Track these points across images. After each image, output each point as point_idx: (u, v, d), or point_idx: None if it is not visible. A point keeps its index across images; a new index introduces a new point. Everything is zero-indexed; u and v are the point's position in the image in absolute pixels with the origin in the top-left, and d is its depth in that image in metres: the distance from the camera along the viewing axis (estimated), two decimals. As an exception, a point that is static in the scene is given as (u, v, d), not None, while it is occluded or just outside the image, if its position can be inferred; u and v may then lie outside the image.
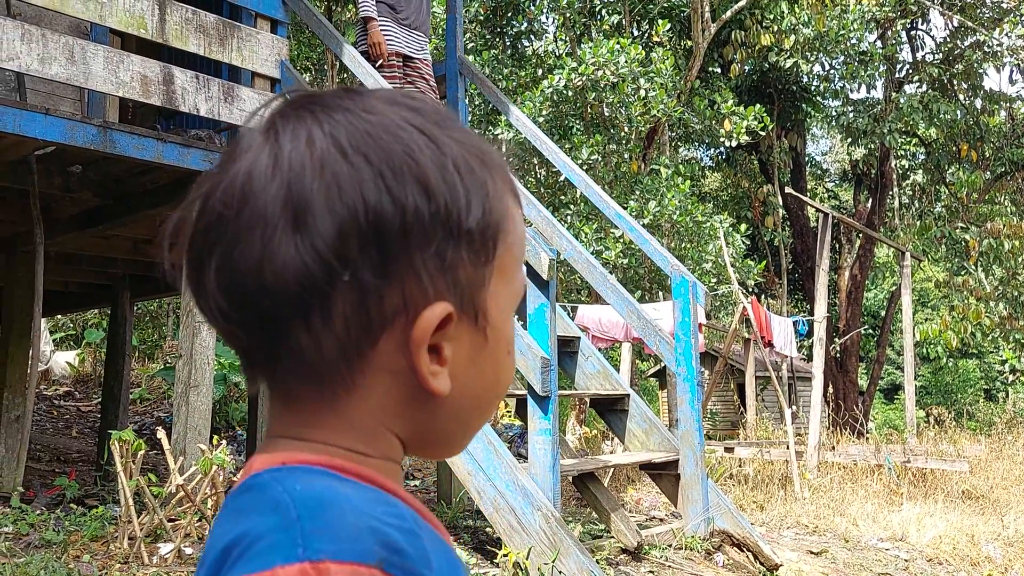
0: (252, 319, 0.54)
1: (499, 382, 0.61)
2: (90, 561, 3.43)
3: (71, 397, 11.44)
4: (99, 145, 4.13)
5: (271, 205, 0.53)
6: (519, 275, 0.62)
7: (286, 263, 0.52)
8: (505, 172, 0.61)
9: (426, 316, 0.55)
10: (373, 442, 0.57)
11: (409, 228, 0.54)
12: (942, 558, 5.61)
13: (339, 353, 0.55)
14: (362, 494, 0.52)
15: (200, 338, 4.55)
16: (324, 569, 0.46)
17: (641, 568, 4.21)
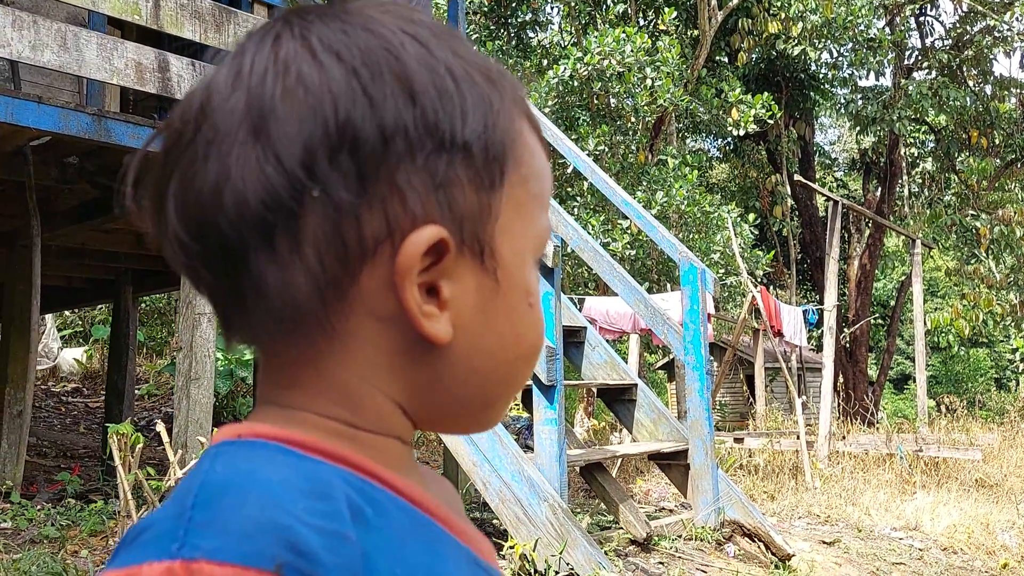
0: (213, 250, 0.46)
1: (521, 339, 0.52)
2: (87, 557, 3.38)
3: (79, 393, 11.43)
4: (94, 134, 4.06)
5: (230, 116, 0.46)
6: (541, 217, 0.53)
7: (245, 179, 0.45)
8: (518, 96, 0.53)
9: (412, 240, 0.46)
10: (365, 410, 0.49)
11: (389, 136, 0.46)
12: (957, 547, 5.52)
13: (313, 290, 0.46)
14: (296, 481, 0.43)
15: (200, 330, 4.49)
16: (196, 570, 0.37)
17: (651, 559, 4.14)
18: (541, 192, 0.53)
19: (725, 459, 7.69)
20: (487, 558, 0.53)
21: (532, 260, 0.53)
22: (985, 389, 24.77)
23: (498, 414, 0.54)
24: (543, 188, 0.54)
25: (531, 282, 0.52)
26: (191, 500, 0.41)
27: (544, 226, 0.54)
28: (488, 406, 0.53)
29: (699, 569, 4.13)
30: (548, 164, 0.55)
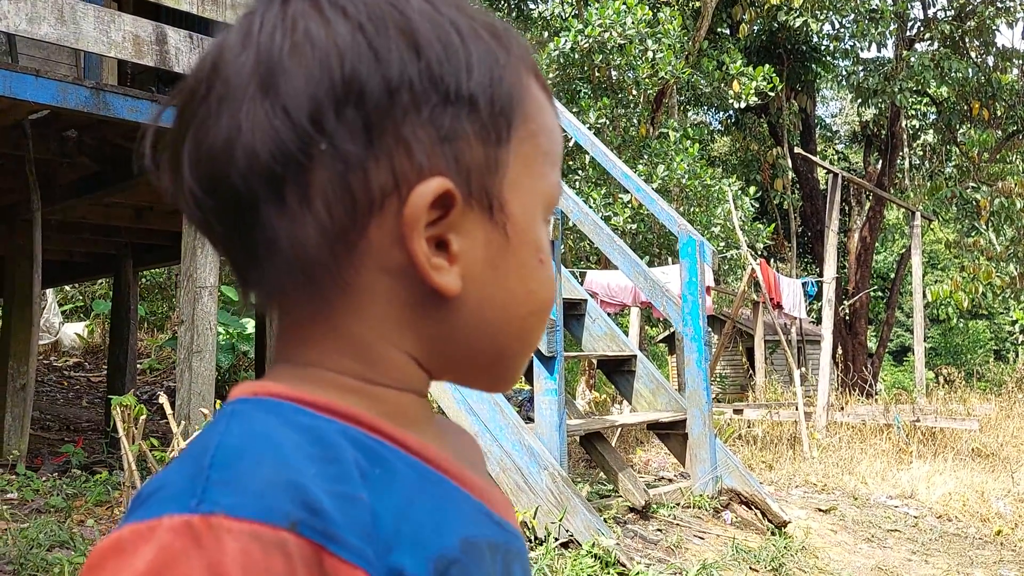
0: (225, 203, 0.47)
1: (532, 294, 0.52)
2: (93, 525, 3.43)
3: (81, 368, 11.49)
4: (92, 107, 4.06)
5: (240, 73, 0.47)
6: (551, 174, 0.54)
7: (255, 133, 0.46)
8: (525, 53, 0.54)
9: (419, 191, 0.47)
10: (379, 364, 0.50)
11: (394, 89, 0.47)
12: (952, 515, 5.59)
13: (322, 242, 0.47)
14: (306, 444, 0.44)
15: (201, 303, 4.52)
16: (216, 524, 0.38)
17: (649, 526, 4.19)
18: (551, 149, 0.54)
19: (724, 430, 7.75)
20: (501, 512, 0.53)
21: (542, 216, 0.53)
22: (984, 361, 24.85)
23: (515, 372, 0.55)
24: (553, 145, 0.54)
25: (541, 238, 0.53)
26: (208, 460, 0.42)
27: (554, 183, 0.54)
28: (502, 361, 0.54)
29: (696, 536, 4.19)
30: (558, 122, 0.56)
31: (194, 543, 0.38)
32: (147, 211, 6.41)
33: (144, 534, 0.39)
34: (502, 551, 0.51)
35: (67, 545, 3.06)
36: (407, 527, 0.44)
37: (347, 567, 0.40)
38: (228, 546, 0.38)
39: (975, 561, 4.70)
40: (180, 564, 0.37)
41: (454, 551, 0.46)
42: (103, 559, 0.39)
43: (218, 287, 4.66)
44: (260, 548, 0.38)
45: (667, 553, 3.88)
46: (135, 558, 0.38)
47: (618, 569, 3.49)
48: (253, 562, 0.38)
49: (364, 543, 0.41)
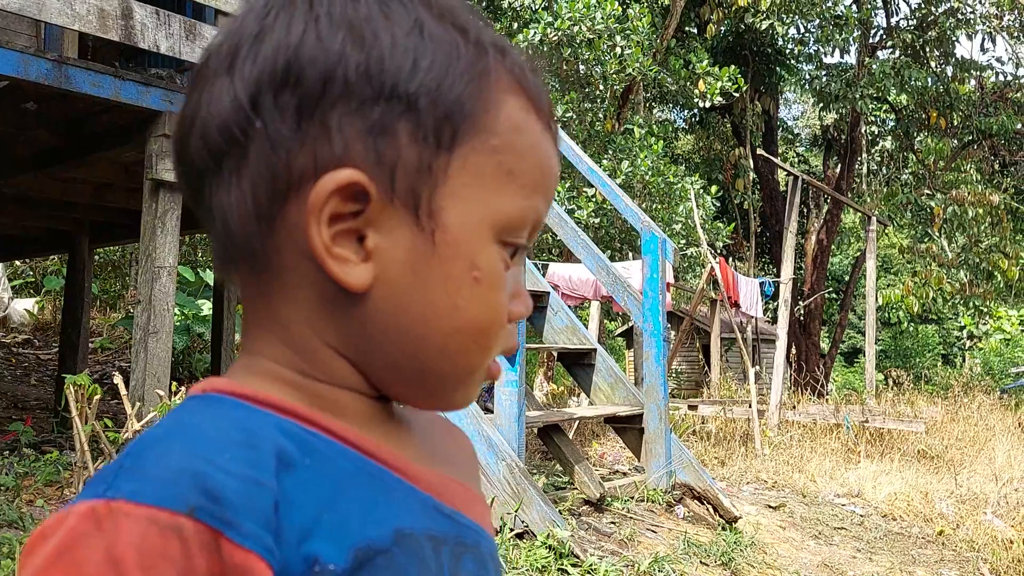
0: (188, 172, 0.52)
1: (458, 311, 0.50)
2: (43, 506, 3.38)
3: (30, 345, 11.25)
4: (53, 80, 3.98)
5: (217, 56, 0.51)
6: (515, 196, 0.51)
7: (211, 108, 0.50)
8: (517, 72, 0.53)
9: (325, 179, 0.48)
10: (311, 357, 0.51)
11: (329, 77, 0.48)
12: (896, 514, 5.73)
13: (246, 218, 0.49)
14: (230, 432, 0.45)
15: (159, 284, 4.46)
16: (116, 508, 0.40)
17: (603, 519, 4.24)
18: (521, 171, 0.52)
19: (679, 425, 7.85)
20: (459, 506, 0.54)
21: (492, 235, 0.51)
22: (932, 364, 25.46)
23: (450, 392, 0.53)
24: (526, 168, 0.52)
25: (482, 257, 0.50)
26: (127, 451, 0.44)
27: (519, 207, 0.52)
28: (428, 378, 0.52)
29: (649, 529, 4.25)
30: (547, 150, 0.54)
31: (95, 527, 0.40)
32: (106, 188, 6.30)
33: (61, 519, 0.41)
34: (450, 544, 0.51)
35: (16, 525, 3.01)
36: (331, 516, 0.45)
37: (242, 552, 0.41)
38: (125, 529, 0.40)
39: (917, 560, 4.84)
40: (80, 546, 0.39)
41: (382, 541, 0.46)
42: (32, 544, 0.42)
43: (176, 267, 4.60)
44: (157, 532, 0.40)
45: (620, 546, 3.93)
46: (49, 542, 0.40)
47: (572, 561, 3.53)
48: (149, 545, 0.39)
49: (262, 529, 0.42)
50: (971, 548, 5.14)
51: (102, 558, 0.39)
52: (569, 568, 3.44)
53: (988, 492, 6.27)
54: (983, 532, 5.34)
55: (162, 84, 4.49)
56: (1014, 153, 15.67)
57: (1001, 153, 15.88)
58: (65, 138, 5.10)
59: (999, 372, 19.62)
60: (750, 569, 4.05)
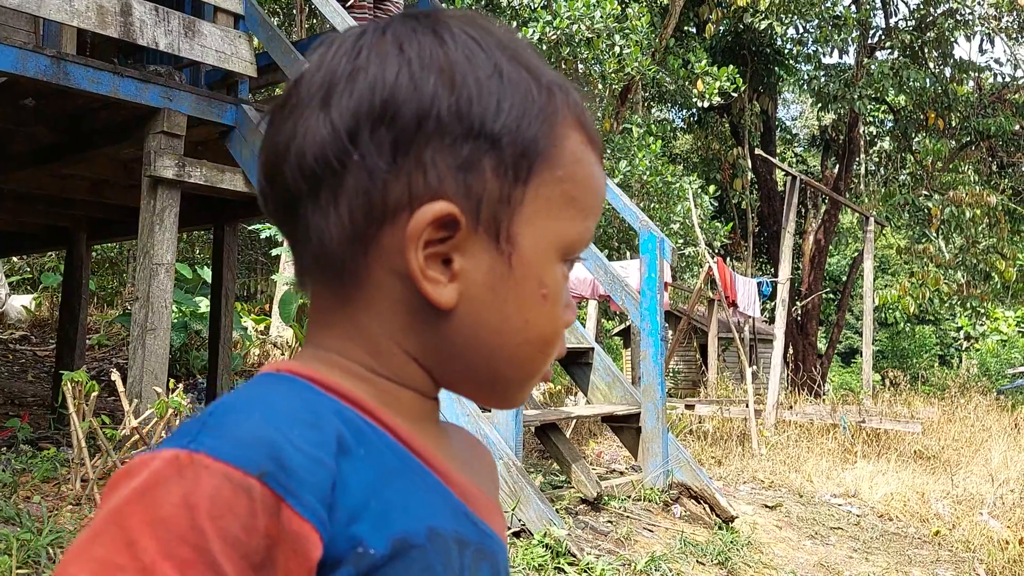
0: (279, 195, 0.56)
1: (529, 325, 0.56)
2: (40, 502, 3.37)
3: (27, 341, 11.23)
4: (52, 77, 3.98)
5: (309, 88, 0.55)
6: (574, 221, 0.57)
7: (307, 138, 0.54)
8: (577, 111, 0.58)
9: (423, 210, 0.53)
10: (383, 358, 0.56)
11: (423, 117, 0.53)
12: (893, 514, 5.74)
13: (342, 239, 0.54)
14: (299, 411, 0.49)
15: (157, 281, 4.45)
16: (198, 459, 0.45)
17: (600, 518, 4.25)
18: (581, 198, 0.57)
19: (676, 424, 7.86)
20: (483, 515, 0.58)
21: (557, 256, 0.57)
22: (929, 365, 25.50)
23: (513, 395, 0.59)
24: (584, 195, 0.58)
25: (548, 276, 0.56)
26: (210, 411, 0.48)
27: (578, 230, 0.58)
28: (497, 383, 0.58)
29: (646, 528, 4.26)
30: (600, 178, 0.60)
31: (177, 472, 0.44)
32: (104, 184, 6.29)
33: (147, 461, 0.46)
34: (472, 548, 0.55)
35: (13, 521, 3.01)
36: (376, 503, 0.49)
37: (299, 520, 0.45)
38: (203, 479, 0.44)
39: (913, 560, 4.85)
40: (161, 487, 0.44)
41: (418, 537, 0.50)
42: (118, 478, 0.46)
43: (174, 264, 4.60)
44: (230, 487, 0.44)
45: (617, 545, 3.94)
46: (134, 479, 0.45)
47: (568, 559, 3.53)
48: (221, 497, 0.44)
49: (319, 504, 0.46)
50: (967, 548, 5.15)
51: (179, 501, 0.43)
52: (566, 567, 3.45)
53: (984, 493, 6.28)
54: (979, 533, 5.35)
55: (161, 81, 4.48)
56: (1012, 154, 15.70)
57: (999, 154, 15.91)
58: (63, 134, 5.09)
59: (996, 373, 19.66)
60: (746, 568, 4.05)
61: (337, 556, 0.47)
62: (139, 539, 0.43)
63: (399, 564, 0.49)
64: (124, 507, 0.44)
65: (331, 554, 0.46)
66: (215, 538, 0.43)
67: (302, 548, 0.45)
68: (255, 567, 0.44)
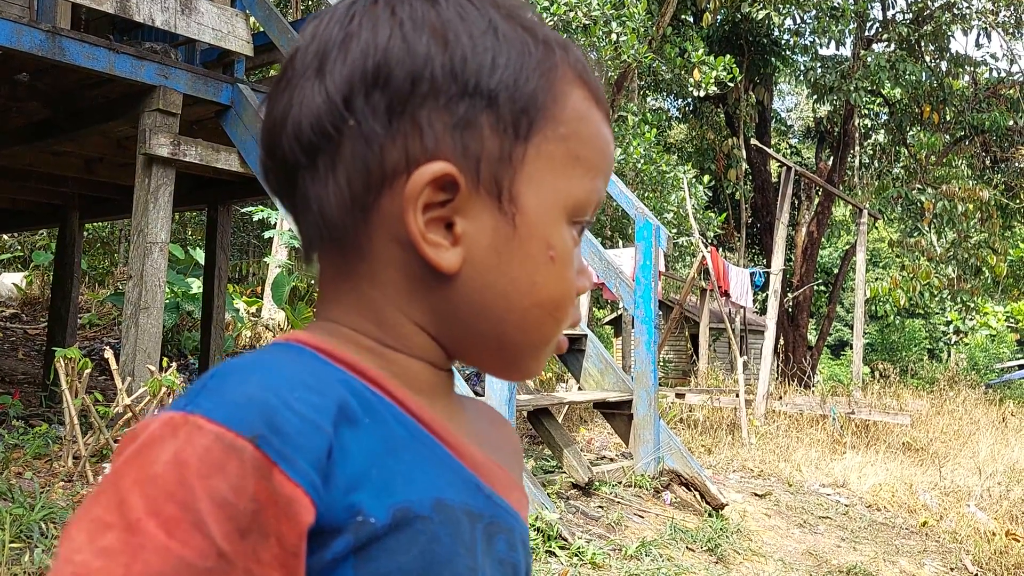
0: (278, 167, 0.55)
1: (537, 288, 0.54)
2: (32, 478, 3.36)
3: (17, 319, 11.18)
4: (47, 52, 3.94)
5: (304, 59, 0.55)
6: (581, 179, 0.56)
7: (303, 108, 0.53)
8: (579, 66, 0.57)
9: (420, 171, 0.52)
10: (391, 329, 0.55)
11: (417, 78, 0.52)
12: (880, 504, 5.78)
13: (341, 208, 0.53)
14: (302, 376, 0.48)
15: (151, 259, 4.43)
16: (192, 420, 0.44)
17: (591, 503, 4.26)
18: (586, 156, 0.56)
19: (666, 413, 7.89)
20: (498, 488, 0.56)
21: (564, 217, 0.55)
22: (918, 358, 25.63)
23: (525, 363, 0.57)
24: (590, 153, 0.56)
25: (555, 237, 0.55)
26: (212, 373, 0.48)
27: (586, 189, 0.56)
28: (507, 349, 0.56)
29: (636, 514, 4.28)
30: (606, 136, 0.58)
31: (171, 432, 0.44)
32: (97, 162, 6.25)
33: (147, 424, 0.46)
34: (484, 522, 0.53)
35: (5, 496, 3.00)
36: (378, 473, 0.48)
37: (291, 485, 0.44)
38: (195, 439, 0.43)
39: (901, 550, 4.88)
40: (155, 447, 0.44)
41: (423, 507, 0.49)
42: (124, 442, 0.46)
43: (168, 243, 4.58)
44: (221, 448, 0.43)
45: (607, 530, 3.95)
46: (136, 441, 0.45)
47: (560, 543, 3.55)
48: (212, 457, 0.43)
49: (312, 469, 0.45)
50: (954, 539, 5.20)
51: (170, 458, 0.43)
52: (557, 550, 3.46)
53: (972, 485, 6.33)
54: (966, 524, 5.39)
55: (156, 59, 4.45)
56: (1005, 150, 15.74)
57: (992, 149, 15.95)
58: (57, 111, 5.06)
59: (984, 367, 19.78)
60: (736, 555, 4.08)
61: (335, 524, 0.46)
62: (128, 497, 0.42)
63: (402, 535, 0.48)
64: (121, 467, 0.44)
65: (328, 521, 0.45)
66: (203, 497, 0.42)
67: (294, 512, 0.44)
68: (242, 531, 0.43)
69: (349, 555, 0.46)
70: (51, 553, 2.49)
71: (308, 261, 0.58)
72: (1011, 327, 25.04)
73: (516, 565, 0.56)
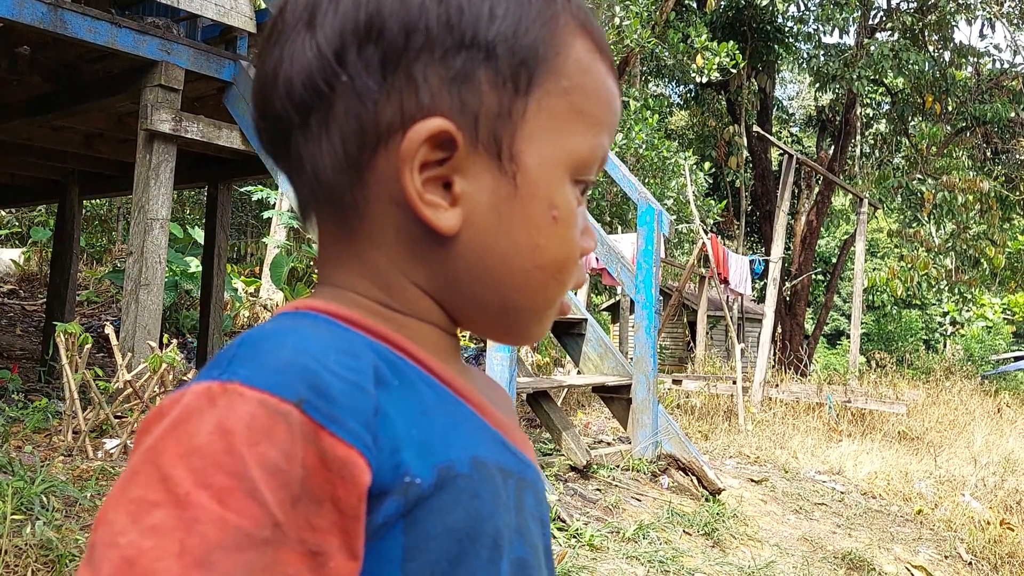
0: (271, 126, 0.53)
1: (539, 249, 0.52)
2: (32, 452, 3.37)
3: (15, 296, 11.17)
4: (48, 24, 3.91)
5: (294, 12, 0.52)
6: (585, 135, 0.53)
7: (294, 63, 0.51)
8: (581, 15, 0.54)
9: (415, 128, 0.49)
10: (396, 293, 0.53)
11: (411, 30, 0.49)
12: (876, 492, 5.81)
13: (336, 168, 0.51)
14: (331, 341, 0.47)
15: (152, 236, 4.42)
16: (232, 389, 0.42)
17: (589, 486, 4.28)
18: (590, 111, 0.53)
19: (663, 399, 7.90)
20: (519, 445, 0.56)
21: (567, 175, 0.53)
22: (914, 349, 25.68)
23: (526, 327, 0.56)
24: (594, 108, 0.54)
25: (558, 196, 0.52)
26: (239, 341, 0.46)
27: (590, 145, 0.54)
28: (508, 313, 0.54)
29: (634, 497, 4.29)
30: (612, 88, 0.55)
31: (209, 403, 0.42)
32: (97, 138, 6.22)
33: (178, 398, 0.43)
34: (515, 478, 0.53)
35: (5, 470, 3.00)
36: (418, 432, 0.47)
37: (344, 447, 0.42)
38: (238, 407, 0.41)
39: (895, 537, 4.91)
40: (194, 418, 0.42)
41: (463, 465, 0.48)
42: (151, 420, 0.44)
43: (169, 220, 4.56)
44: (266, 413, 0.41)
45: (605, 512, 3.97)
46: (166, 418, 0.43)
47: (558, 525, 3.56)
48: (258, 424, 0.41)
49: (363, 428, 0.44)
50: (948, 528, 5.22)
51: (213, 428, 0.41)
52: (555, 532, 3.48)
53: (966, 474, 6.36)
54: (960, 513, 5.42)
55: (159, 33, 4.42)
56: (1007, 141, 15.72)
57: (994, 141, 15.92)
58: (58, 85, 5.03)
59: (980, 359, 19.84)
60: (732, 540, 4.10)
61: (384, 486, 0.44)
62: (172, 472, 0.40)
63: (446, 494, 0.46)
64: (157, 444, 0.41)
65: (380, 483, 0.44)
66: (254, 465, 0.40)
67: (350, 474, 0.42)
68: (295, 498, 0.41)
69: (399, 518, 0.45)
70: (52, 525, 2.49)
71: (306, 222, 0.55)
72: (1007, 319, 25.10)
73: (543, 519, 0.57)
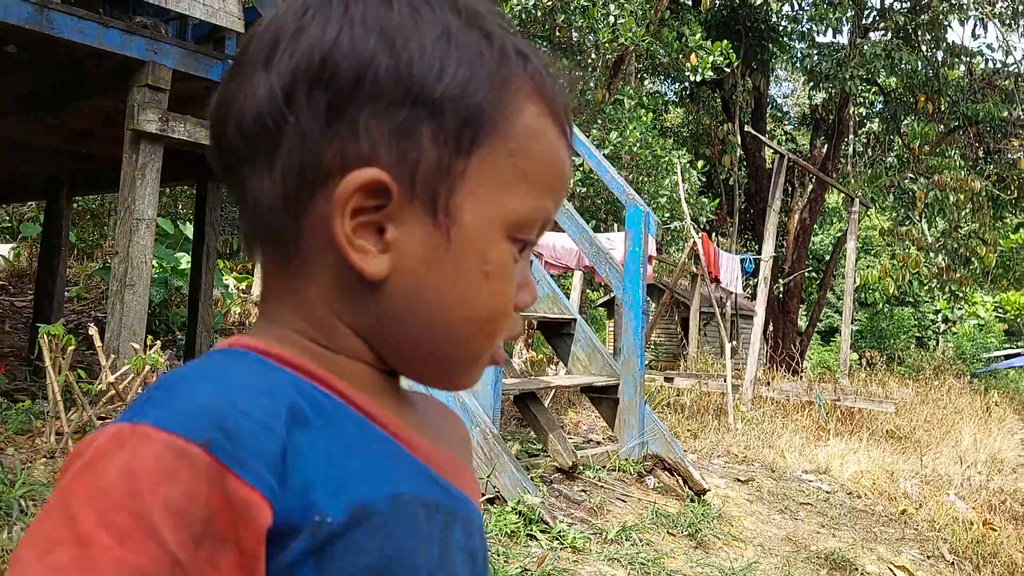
0: (223, 154, 0.54)
1: (466, 302, 0.53)
2: (14, 454, 3.37)
3: (4, 292, 11.14)
4: (35, 24, 3.90)
5: (257, 48, 0.54)
6: (527, 197, 0.54)
7: (247, 98, 0.52)
8: (538, 80, 0.55)
9: (350, 177, 0.51)
10: (328, 332, 0.54)
11: (360, 78, 0.51)
12: (861, 492, 5.84)
13: (275, 204, 0.52)
14: (250, 381, 0.48)
15: (138, 236, 4.42)
16: (140, 431, 0.44)
17: (574, 487, 4.29)
18: (535, 175, 0.54)
19: (654, 396, 7.92)
20: (451, 478, 0.57)
21: (504, 233, 0.54)
22: (906, 346, 25.75)
23: (457, 375, 0.57)
24: (539, 172, 0.54)
25: (492, 252, 0.53)
26: (157, 384, 0.47)
27: (530, 208, 0.54)
28: (436, 361, 0.55)
29: (619, 498, 4.31)
30: (561, 154, 0.56)
31: (118, 445, 0.43)
32: (86, 136, 6.21)
33: (93, 439, 0.45)
34: (441, 512, 0.54)
35: (-13, 472, 3.00)
36: (334, 472, 0.48)
37: (246, 488, 0.44)
38: (144, 449, 0.43)
39: (879, 537, 4.94)
40: (102, 460, 0.43)
41: (379, 503, 0.49)
42: (70, 460, 0.46)
43: (156, 220, 4.56)
44: (171, 455, 0.43)
45: (589, 514, 3.98)
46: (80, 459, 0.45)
47: (541, 527, 3.58)
48: (162, 465, 0.43)
49: (267, 471, 0.45)
50: (932, 528, 5.25)
51: (119, 470, 0.42)
52: (538, 534, 3.49)
53: (952, 474, 6.40)
54: (945, 513, 5.45)
55: (146, 33, 4.41)
56: (999, 141, 15.75)
57: (986, 140, 15.96)
58: (46, 84, 5.02)
59: (971, 357, 19.91)
60: (716, 540, 4.12)
61: (293, 526, 0.45)
62: (78, 512, 0.42)
63: (360, 532, 0.48)
64: (70, 483, 0.43)
65: (285, 523, 0.45)
66: (155, 505, 0.41)
67: (251, 515, 0.44)
68: (196, 538, 0.42)
69: (308, 556, 0.46)
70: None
71: (251, 254, 0.57)
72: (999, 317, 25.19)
73: (473, 551, 0.57)
